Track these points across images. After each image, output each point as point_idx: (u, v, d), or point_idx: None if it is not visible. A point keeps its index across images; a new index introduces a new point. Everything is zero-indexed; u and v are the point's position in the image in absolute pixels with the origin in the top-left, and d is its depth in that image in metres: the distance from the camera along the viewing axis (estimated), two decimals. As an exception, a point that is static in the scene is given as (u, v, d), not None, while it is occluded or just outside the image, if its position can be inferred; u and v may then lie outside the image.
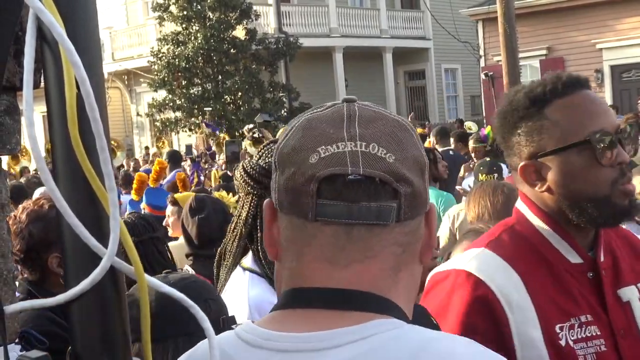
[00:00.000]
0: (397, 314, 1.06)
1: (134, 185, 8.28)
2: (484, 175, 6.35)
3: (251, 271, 2.11)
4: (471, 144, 9.44)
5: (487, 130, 12.67)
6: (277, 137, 12.99)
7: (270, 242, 1.12)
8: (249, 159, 2.30)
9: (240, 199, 2.30)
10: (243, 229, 2.24)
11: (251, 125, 12.34)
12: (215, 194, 4.88)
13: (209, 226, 4.01)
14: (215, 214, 4.09)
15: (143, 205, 7.50)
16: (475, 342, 1.08)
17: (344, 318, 1.02)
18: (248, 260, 2.27)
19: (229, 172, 10.08)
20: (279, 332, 1.03)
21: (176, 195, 5.72)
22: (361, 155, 1.03)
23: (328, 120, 1.07)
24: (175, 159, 11.18)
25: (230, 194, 4.92)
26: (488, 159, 7.13)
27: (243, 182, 2.23)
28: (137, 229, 3.36)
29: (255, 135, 11.12)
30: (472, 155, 9.41)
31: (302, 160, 1.04)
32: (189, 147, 11.72)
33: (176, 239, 5.16)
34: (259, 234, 2.20)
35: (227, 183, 7.74)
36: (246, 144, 11.78)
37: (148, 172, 9.21)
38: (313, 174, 1.02)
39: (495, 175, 6.41)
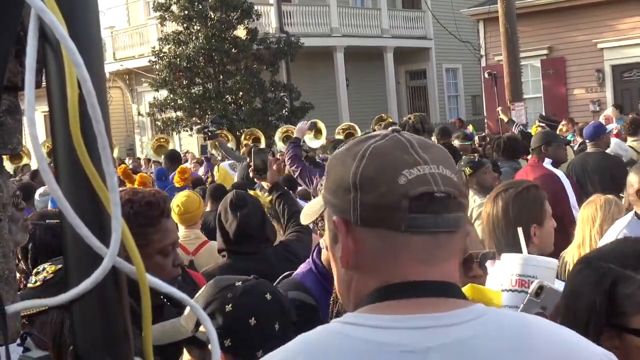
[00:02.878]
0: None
1: (136, 186, 8.28)
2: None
3: None
4: (457, 142, 9.31)
5: (471, 128, 12.57)
6: (278, 136, 12.65)
7: (346, 253, 1.28)
8: None
9: None
10: None
11: (199, 127, 12.48)
12: (251, 192, 4.81)
13: (250, 223, 3.92)
14: (255, 212, 3.99)
15: None
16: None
17: (447, 304, 1.23)
18: None
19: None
20: (405, 315, 1.21)
21: None
22: (439, 176, 1.23)
23: (395, 147, 1.27)
24: (173, 158, 11.14)
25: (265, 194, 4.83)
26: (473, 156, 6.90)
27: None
28: None
29: (208, 134, 11.11)
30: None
31: (389, 182, 1.22)
32: (204, 147, 11.80)
33: None
34: None
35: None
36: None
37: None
38: (405, 192, 1.21)
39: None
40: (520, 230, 2.08)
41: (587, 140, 8.32)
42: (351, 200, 1.25)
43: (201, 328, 1.84)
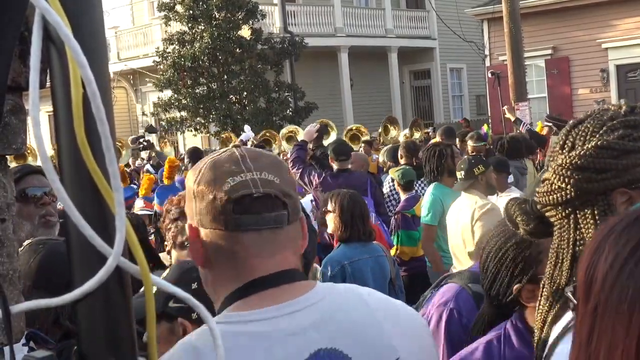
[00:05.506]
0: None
1: (144, 185, 8.26)
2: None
3: None
4: (471, 143, 9.29)
5: (486, 128, 12.47)
6: (281, 135, 12.62)
7: (195, 254, 1.51)
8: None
9: (560, 217, 1.48)
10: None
11: (134, 137, 12.74)
12: None
13: None
14: None
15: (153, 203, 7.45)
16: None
17: (295, 289, 1.48)
18: None
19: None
20: (272, 306, 1.44)
21: None
22: (259, 180, 1.46)
23: (227, 160, 1.51)
24: (196, 157, 10.56)
25: None
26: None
27: (575, 185, 1.43)
28: None
29: (143, 144, 11.40)
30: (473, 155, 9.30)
31: (217, 190, 1.45)
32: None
33: None
34: None
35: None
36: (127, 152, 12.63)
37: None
38: (228, 197, 1.44)
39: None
40: None
41: None
42: (193, 207, 1.50)
43: (170, 303, 2.13)
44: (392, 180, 7.97)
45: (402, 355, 1.49)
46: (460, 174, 5.79)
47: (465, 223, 5.50)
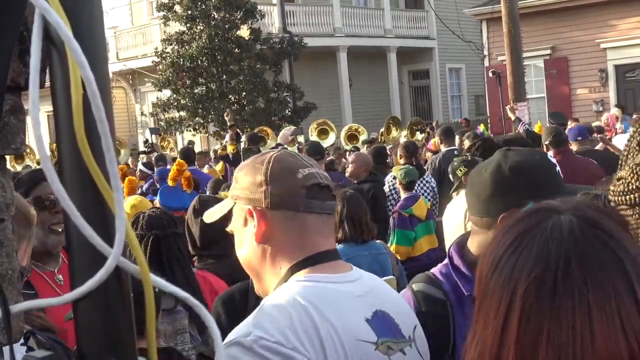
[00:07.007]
0: None
1: (126, 188, 8.26)
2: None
3: None
4: (467, 142, 9.30)
5: (482, 127, 12.46)
6: (282, 134, 12.71)
7: (259, 231, 1.80)
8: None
9: (636, 217, 1.46)
10: None
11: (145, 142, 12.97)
12: (222, 194, 4.80)
13: (212, 228, 3.93)
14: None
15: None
16: None
17: (343, 264, 1.88)
18: None
19: None
20: (338, 274, 1.81)
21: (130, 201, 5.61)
22: (322, 175, 1.84)
23: (288, 156, 1.86)
24: (188, 156, 10.68)
25: None
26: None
27: None
28: (161, 222, 3.35)
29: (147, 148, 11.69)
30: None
31: (290, 177, 1.79)
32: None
33: None
34: None
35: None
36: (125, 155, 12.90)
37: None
38: (303, 183, 1.78)
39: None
40: None
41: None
42: (263, 192, 1.78)
43: None
44: (394, 179, 7.97)
45: (417, 325, 1.91)
46: (450, 177, 6.00)
47: (459, 223, 5.52)
